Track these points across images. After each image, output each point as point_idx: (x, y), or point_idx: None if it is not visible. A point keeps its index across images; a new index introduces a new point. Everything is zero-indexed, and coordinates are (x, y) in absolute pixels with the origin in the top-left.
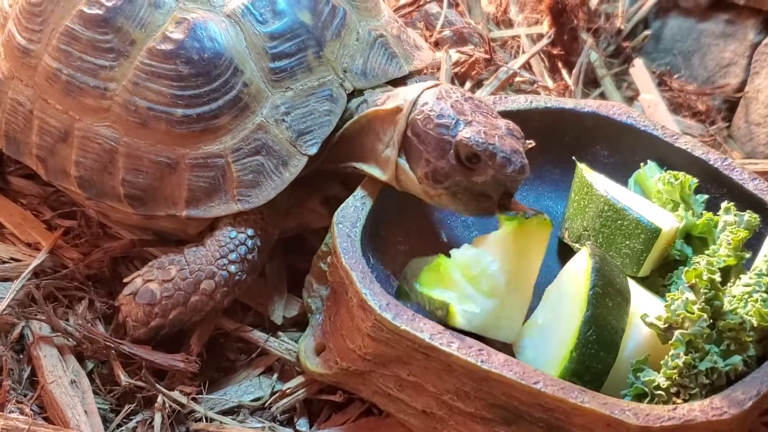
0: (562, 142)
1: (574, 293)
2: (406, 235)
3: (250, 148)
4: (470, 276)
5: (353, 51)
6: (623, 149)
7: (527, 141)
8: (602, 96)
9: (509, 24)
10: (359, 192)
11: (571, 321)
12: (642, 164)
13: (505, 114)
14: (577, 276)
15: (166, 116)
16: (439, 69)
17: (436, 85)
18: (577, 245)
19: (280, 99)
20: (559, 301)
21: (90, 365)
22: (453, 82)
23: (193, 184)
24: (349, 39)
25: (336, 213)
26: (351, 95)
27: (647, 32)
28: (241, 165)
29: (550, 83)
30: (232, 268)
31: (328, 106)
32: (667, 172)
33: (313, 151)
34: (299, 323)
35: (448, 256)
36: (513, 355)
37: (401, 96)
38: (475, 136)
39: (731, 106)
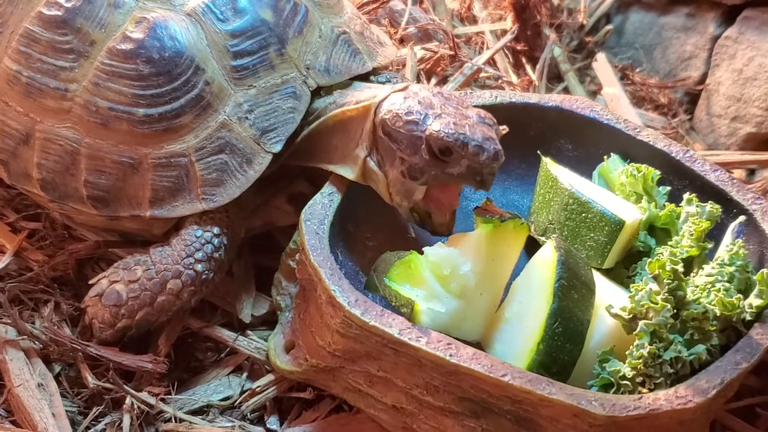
0: (527, 136)
1: (540, 286)
2: (375, 231)
3: (213, 146)
4: (441, 275)
5: (316, 48)
6: (587, 143)
7: (500, 127)
8: (566, 90)
9: (473, 20)
10: (327, 189)
11: (538, 314)
12: (605, 157)
13: None
14: (542, 269)
15: (127, 116)
16: (404, 66)
17: (406, 87)
18: (543, 238)
19: (242, 97)
20: (526, 295)
21: (57, 368)
22: (418, 79)
23: (156, 184)
24: (312, 36)
25: (304, 210)
26: (316, 92)
27: (609, 27)
28: (204, 164)
29: (514, 78)
30: (199, 267)
31: (291, 104)
32: (630, 164)
33: (278, 148)
34: (268, 321)
35: (421, 252)
36: (482, 348)
37: (370, 97)
38: (444, 128)
39: (693, 98)
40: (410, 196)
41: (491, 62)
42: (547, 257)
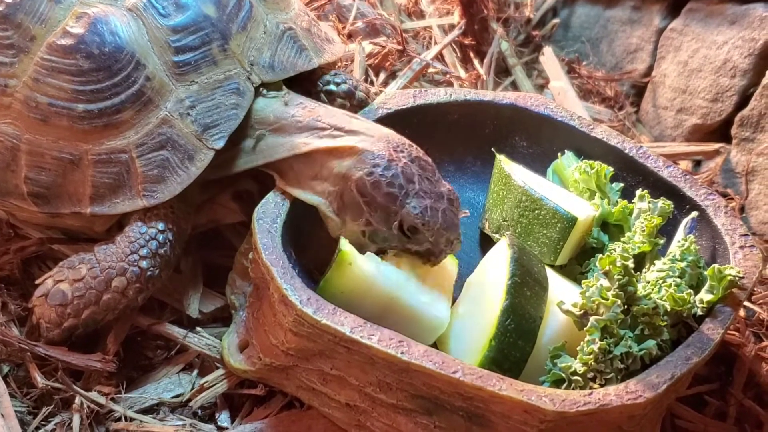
0: (482, 134)
1: (493, 283)
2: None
3: (154, 142)
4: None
5: (260, 44)
6: (542, 140)
7: (463, 211)
8: (513, 84)
9: (421, 15)
10: (280, 187)
11: (491, 311)
12: (560, 154)
13: (425, 107)
14: (496, 266)
15: (67, 112)
16: (352, 61)
17: (383, 136)
18: (496, 236)
19: (184, 93)
20: (479, 292)
21: (5, 368)
22: (367, 74)
23: (96, 181)
24: (256, 32)
25: (256, 209)
26: (260, 89)
27: (556, 21)
28: (145, 160)
29: (462, 73)
30: (144, 263)
31: (234, 100)
32: (584, 161)
33: (220, 144)
34: (219, 318)
35: None
36: (435, 345)
37: (347, 138)
38: (421, 212)
39: (639, 91)
40: (361, 247)
41: (439, 57)
42: (501, 254)
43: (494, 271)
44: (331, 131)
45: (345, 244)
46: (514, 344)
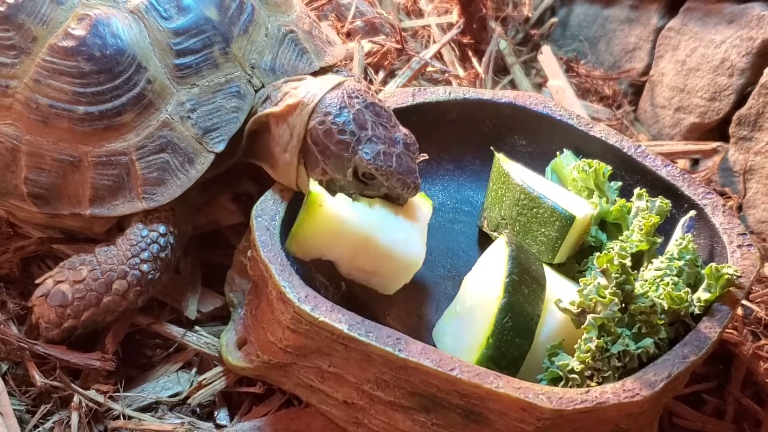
0: (481, 132)
1: (491, 281)
2: None
3: (154, 145)
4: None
5: (262, 47)
6: (540, 139)
7: (420, 155)
8: (512, 83)
9: (419, 14)
10: (278, 185)
11: (488, 308)
12: (558, 153)
13: (425, 106)
14: (494, 264)
15: (67, 114)
16: (352, 60)
17: (338, 85)
18: (495, 234)
19: (185, 96)
20: (477, 290)
21: (4, 367)
22: (366, 73)
23: (96, 183)
24: (258, 35)
25: (255, 206)
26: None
27: (554, 19)
28: (145, 163)
29: (460, 72)
30: (145, 267)
31: (235, 103)
32: (582, 160)
33: (220, 148)
34: (218, 317)
35: None
36: (433, 343)
37: (300, 94)
38: (374, 157)
39: (637, 89)
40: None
41: (438, 56)
42: (499, 252)
43: (492, 269)
44: (290, 94)
45: (314, 186)
46: (512, 342)
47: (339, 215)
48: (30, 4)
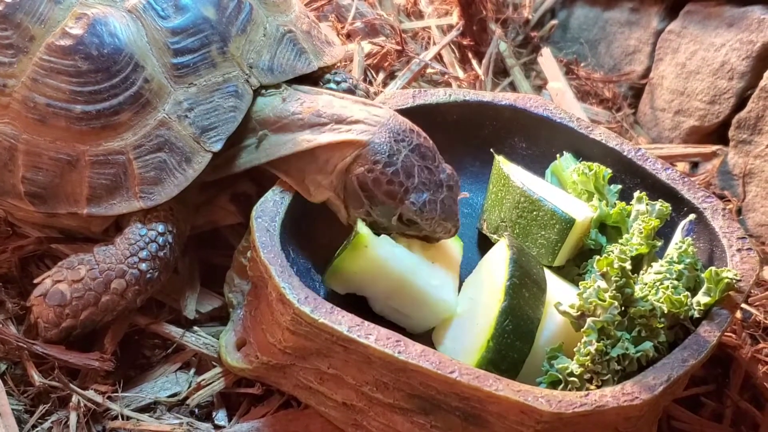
0: (481, 134)
1: (492, 284)
2: (328, 229)
3: (152, 144)
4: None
5: (260, 47)
6: (540, 141)
7: (463, 194)
8: (512, 85)
9: (420, 15)
10: (279, 186)
11: (489, 311)
12: (558, 156)
13: (425, 108)
14: (494, 267)
15: (65, 113)
16: (351, 61)
17: (385, 124)
18: (495, 236)
19: (183, 95)
20: (478, 292)
21: (3, 366)
22: (366, 74)
23: (94, 182)
24: (256, 35)
25: (255, 207)
26: (260, 91)
27: (554, 22)
28: (143, 162)
29: (460, 73)
30: (143, 266)
31: (233, 102)
32: (582, 163)
33: (217, 147)
34: (217, 317)
35: None
36: (432, 345)
37: (349, 129)
38: (420, 207)
39: (637, 92)
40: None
41: (438, 57)
42: (500, 255)
43: (493, 272)
44: (332, 125)
45: (362, 227)
46: (512, 345)
47: (383, 257)
48: (28, 3)
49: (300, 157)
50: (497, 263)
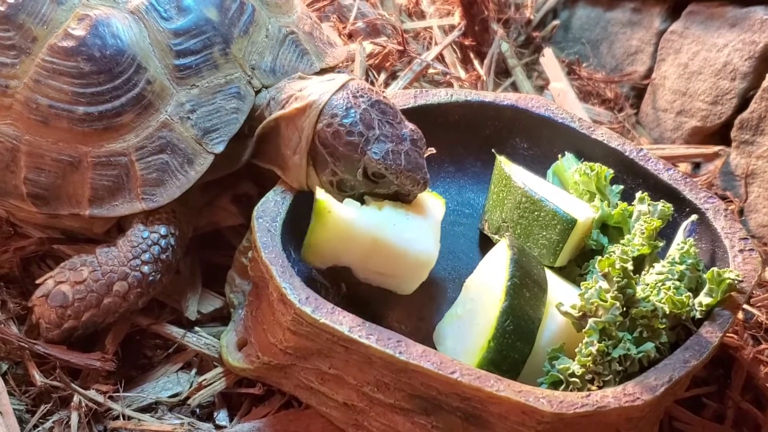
0: (483, 134)
1: (493, 284)
2: None
3: (154, 146)
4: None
5: (262, 48)
6: (542, 141)
7: (428, 149)
8: (513, 85)
9: (421, 15)
10: (280, 186)
11: (490, 311)
12: (560, 156)
13: (426, 108)
14: (495, 267)
15: (67, 114)
16: (353, 61)
17: (344, 85)
18: (496, 236)
19: (185, 96)
20: (479, 292)
21: (4, 366)
22: (368, 74)
23: (96, 183)
24: (258, 36)
25: (256, 207)
26: (261, 92)
27: (556, 22)
28: (145, 163)
29: (462, 74)
30: (146, 268)
31: (235, 104)
32: (584, 163)
33: (220, 149)
34: (218, 318)
35: None
36: (433, 345)
37: (307, 96)
38: (383, 156)
39: (639, 92)
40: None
41: (439, 57)
42: (500, 256)
43: (493, 272)
44: (296, 96)
45: (320, 193)
46: (513, 345)
47: (348, 219)
48: (30, 4)
49: (276, 142)
50: (498, 263)
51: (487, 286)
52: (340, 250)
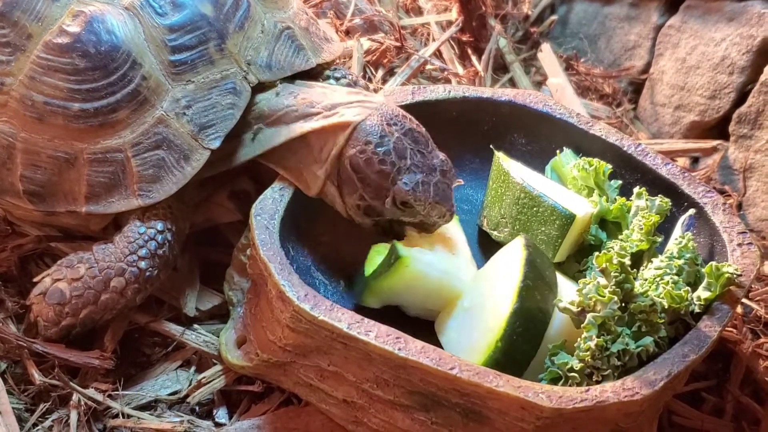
0: (481, 130)
1: (505, 283)
2: (328, 227)
3: (150, 142)
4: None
5: (258, 43)
6: (540, 137)
7: (457, 180)
8: (511, 81)
9: (419, 11)
10: (278, 184)
11: (499, 311)
12: (558, 151)
13: (424, 104)
14: (508, 265)
15: (62, 111)
16: (350, 57)
17: (377, 109)
18: (494, 232)
19: (180, 92)
20: (489, 288)
21: (3, 365)
22: (365, 71)
23: (92, 180)
24: (254, 31)
25: (254, 205)
26: (257, 88)
27: (554, 17)
28: (141, 159)
29: (460, 70)
30: (143, 264)
31: (231, 99)
32: (582, 158)
33: (216, 144)
34: (217, 315)
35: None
36: (435, 334)
37: (340, 113)
38: (413, 187)
39: (637, 87)
40: (366, 222)
41: (437, 54)
42: (515, 253)
43: (506, 270)
44: (324, 113)
45: (402, 249)
46: (520, 348)
47: (422, 271)
48: (25, 1)
49: (296, 150)
50: (512, 262)
51: (498, 284)
52: (404, 294)
